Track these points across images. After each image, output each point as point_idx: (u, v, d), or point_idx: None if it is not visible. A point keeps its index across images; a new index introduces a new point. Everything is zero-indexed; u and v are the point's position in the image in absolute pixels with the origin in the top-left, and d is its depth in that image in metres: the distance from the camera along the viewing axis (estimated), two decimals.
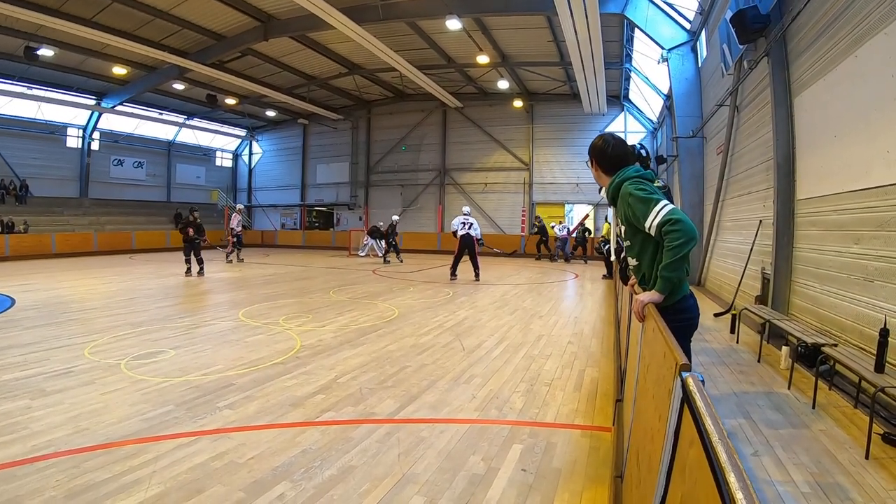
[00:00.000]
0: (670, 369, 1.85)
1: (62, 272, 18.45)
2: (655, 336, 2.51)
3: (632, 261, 3.65)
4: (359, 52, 25.09)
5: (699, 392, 1.45)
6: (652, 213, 3.17)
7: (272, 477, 3.87)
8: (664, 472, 1.70)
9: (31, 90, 28.63)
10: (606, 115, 29.46)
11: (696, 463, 1.32)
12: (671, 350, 1.93)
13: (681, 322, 3.24)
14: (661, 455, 1.77)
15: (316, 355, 7.38)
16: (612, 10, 17.19)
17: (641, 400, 2.83)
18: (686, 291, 3.35)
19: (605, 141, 3.70)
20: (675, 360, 1.78)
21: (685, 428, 1.53)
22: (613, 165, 3.63)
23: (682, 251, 3.05)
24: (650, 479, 1.99)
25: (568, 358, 7.50)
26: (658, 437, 1.92)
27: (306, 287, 14.89)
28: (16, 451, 4.19)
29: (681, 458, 1.54)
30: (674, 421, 1.67)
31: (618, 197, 3.50)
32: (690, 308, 3.37)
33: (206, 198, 40.89)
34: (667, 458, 1.70)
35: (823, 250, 7.49)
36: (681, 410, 1.60)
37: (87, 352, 7.38)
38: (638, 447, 2.65)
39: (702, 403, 1.37)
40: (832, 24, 7.31)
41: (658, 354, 2.29)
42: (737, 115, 12.46)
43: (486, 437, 4.65)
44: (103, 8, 20.36)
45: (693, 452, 1.36)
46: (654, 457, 1.97)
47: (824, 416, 5.25)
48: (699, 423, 1.32)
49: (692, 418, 1.41)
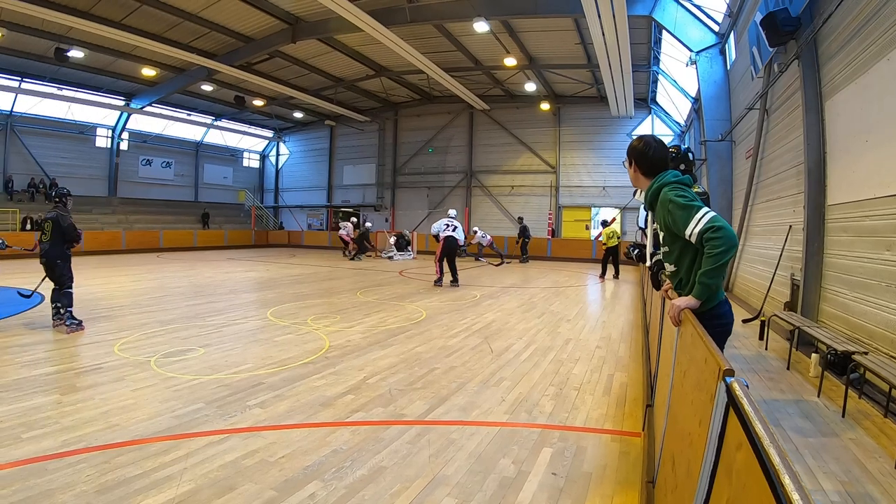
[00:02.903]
0: (712, 374, 1.85)
1: (91, 269, 18.69)
2: (695, 341, 2.51)
3: (669, 266, 3.62)
4: (386, 54, 25.20)
5: (746, 396, 1.46)
6: (693, 220, 3.14)
7: (303, 476, 3.91)
8: (706, 475, 1.71)
9: (62, 91, 29.11)
10: (633, 118, 29.28)
11: (744, 466, 1.33)
12: (713, 355, 1.93)
13: (716, 328, 3.21)
14: (703, 459, 1.77)
15: (345, 356, 7.43)
16: (639, 13, 17.08)
17: (677, 405, 2.82)
18: (721, 297, 3.32)
19: (645, 143, 3.64)
20: (717, 365, 1.78)
21: (731, 432, 1.54)
22: (653, 168, 3.58)
23: (722, 259, 3.04)
24: (689, 484, 2.00)
25: (596, 362, 7.49)
26: (698, 441, 1.93)
27: (333, 287, 14.97)
28: (47, 446, 4.26)
29: (726, 461, 1.55)
30: (717, 425, 1.68)
31: (656, 202, 3.47)
32: (725, 314, 3.35)
33: (234, 198, 41.33)
34: (709, 462, 1.70)
35: (854, 256, 7.37)
36: (725, 415, 1.61)
37: (117, 348, 7.50)
38: (673, 452, 2.65)
39: (750, 408, 1.39)
40: (864, 27, 7.21)
41: (698, 360, 2.29)
42: (766, 118, 12.34)
43: (516, 440, 4.66)
44: (133, 10, 20.70)
45: (741, 456, 1.37)
46: (693, 461, 1.98)
47: (854, 425, 5.19)
48: (748, 428, 1.33)
49: (740, 423, 1.42)
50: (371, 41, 22.69)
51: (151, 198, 35.99)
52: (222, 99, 33.10)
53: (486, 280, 17.94)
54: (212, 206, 38.30)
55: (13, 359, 6.85)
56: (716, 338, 3.16)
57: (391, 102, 35.75)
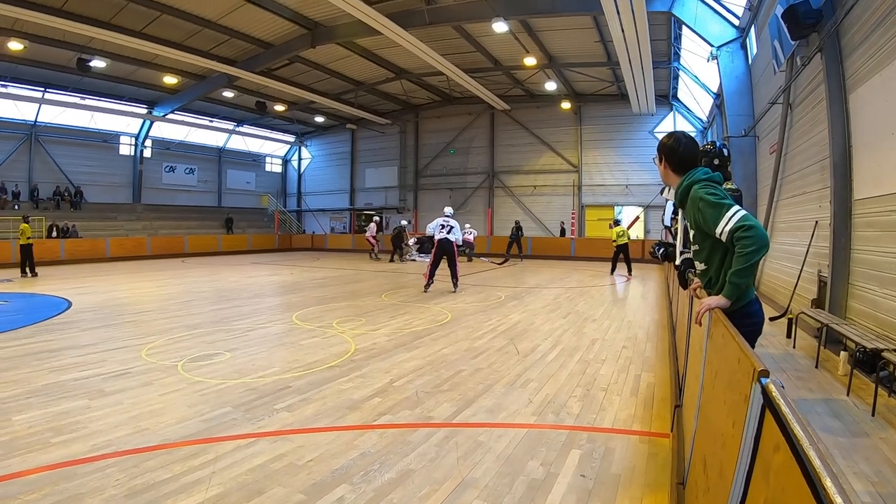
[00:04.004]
0: (746, 374, 1.84)
1: (117, 275, 18.98)
2: (727, 341, 2.49)
3: (699, 265, 3.59)
4: (405, 56, 25.31)
5: (783, 397, 1.45)
6: (724, 218, 3.11)
7: (331, 479, 3.92)
8: (742, 477, 1.70)
9: (85, 100, 29.69)
10: (655, 116, 29.14)
11: (783, 468, 1.32)
12: (746, 355, 1.91)
13: (747, 327, 3.17)
14: (737, 461, 1.76)
15: (371, 358, 7.45)
16: (659, 9, 16.98)
17: (708, 406, 2.80)
18: (752, 296, 3.28)
19: (676, 139, 3.62)
20: (752, 366, 1.77)
21: (767, 433, 1.52)
22: (683, 165, 3.56)
23: (753, 258, 3.01)
24: (722, 486, 1.98)
25: (623, 362, 7.44)
26: (732, 443, 1.91)
27: (358, 290, 15.02)
28: (76, 450, 4.32)
29: (762, 463, 1.54)
30: (753, 426, 1.66)
31: (686, 200, 3.43)
32: (756, 313, 3.30)
33: (257, 203, 41.72)
34: (744, 464, 1.69)
35: (883, 252, 7.26)
36: (761, 416, 1.59)
37: (145, 353, 7.58)
38: (705, 454, 2.63)
39: (787, 409, 1.38)
40: (888, 17, 7.10)
41: (730, 360, 2.27)
42: (790, 113, 12.20)
43: (543, 441, 4.64)
44: (153, 20, 20.99)
45: (779, 458, 1.36)
46: (726, 463, 1.96)
47: (884, 424, 5.12)
48: (786, 429, 1.32)
49: (777, 424, 1.41)
50: (390, 44, 22.78)
51: (175, 204, 36.49)
52: (244, 105, 33.41)
53: (510, 281, 17.91)
54: (235, 211, 38.66)
55: (42, 364, 6.96)
56: (746, 337, 3.13)
57: (412, 105, 35.84)
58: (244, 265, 24.62)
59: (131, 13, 20.30)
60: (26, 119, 29.17)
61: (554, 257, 28.53)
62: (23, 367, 6.82)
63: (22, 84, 27.16)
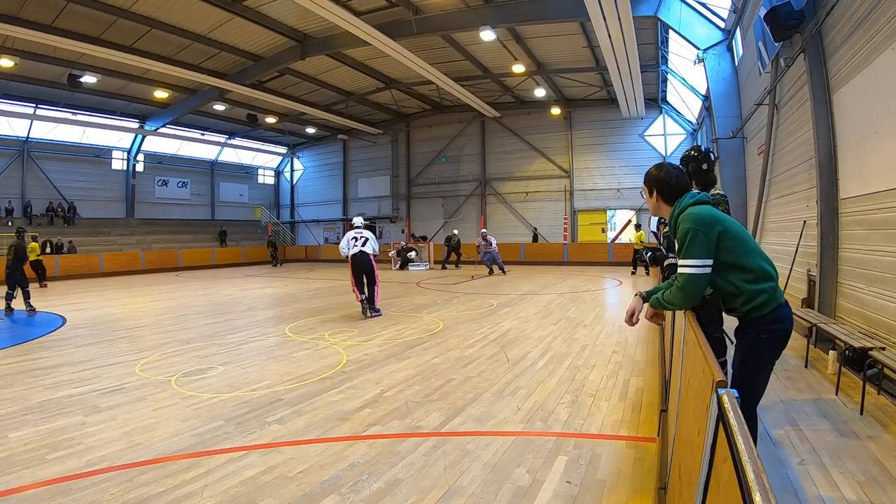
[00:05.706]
0: (708, 384, 1.88)
1: (111, 291, 18.99)
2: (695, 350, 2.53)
3: None
4: (395, 66, 25.37)
5: (733, 409, 1.48)
6: (685, 259, 3.28)
7: (321, 490, 3.95)
8: (701, 486, 1.73)
9: (76, 116, 29.69)
10: (645, 119, 29.29)
11: (728, 480, 1.35)
12: (709, 365, 1.96)
13: (775, 332, 3.24)
14: (700, 469, 1.80)
15: (362, 369, 7.47)
16: (645, 13, 17.01)
17: (683, 412, 2.85)
18: (780, 300, 3.29)
19: (666, 171, 3.58)
20: (712, 376, 1.80)
21: (720, 444, 1.56)
22: (675, 195, 3.55)
23: (673, 304, 3.42)
24: (689, 492, 2.02)
25: (612, 367, 7.47)
26: (697, 450, 1.95)
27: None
28: (71, 466, 4.36)
29: (716, 473, 1.58)
30: (710, 436, 1.70)
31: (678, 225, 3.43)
32: (785, 318, 3.30)
33: (250, 215, 41.67)
34: (704, 472, 1.73)
35: (870, 250, 7.30)
36: (717, 426, 1.63)
37: (138, 369, 7.61)
38: (680, 459, 2.67)
39: (734, 420, 1.41)
40: (867, 17, 7.15)
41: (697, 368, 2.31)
42: (776, 113, 12.25)
43: (531, 449, 4.67)
44: (142, 35, 21.05)
45: (727, 469, 1.39)
46: (693, 470, 2.00)
47: (873, 423, 5.15)
48: (731, 441, 1.36)
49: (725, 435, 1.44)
50: (379, 54, 22.84)
51: (169, 218, 36.48)
52: (235, 117, 33.42)
53: (504, 288, 17.92)
54: (229, 224, 38.65)
55: (37, 381, 7.00)
56: (775, 342, 3.27)
57: (402, 114, 35.94)
58: (238, 278, 24.66)
59: (121, 28, 20.36)
60: (18, 135, 29.25)
61: (547, 263, 28.55)
62: (18, 384, 6.86)
63: (13, 100, 27.14)
